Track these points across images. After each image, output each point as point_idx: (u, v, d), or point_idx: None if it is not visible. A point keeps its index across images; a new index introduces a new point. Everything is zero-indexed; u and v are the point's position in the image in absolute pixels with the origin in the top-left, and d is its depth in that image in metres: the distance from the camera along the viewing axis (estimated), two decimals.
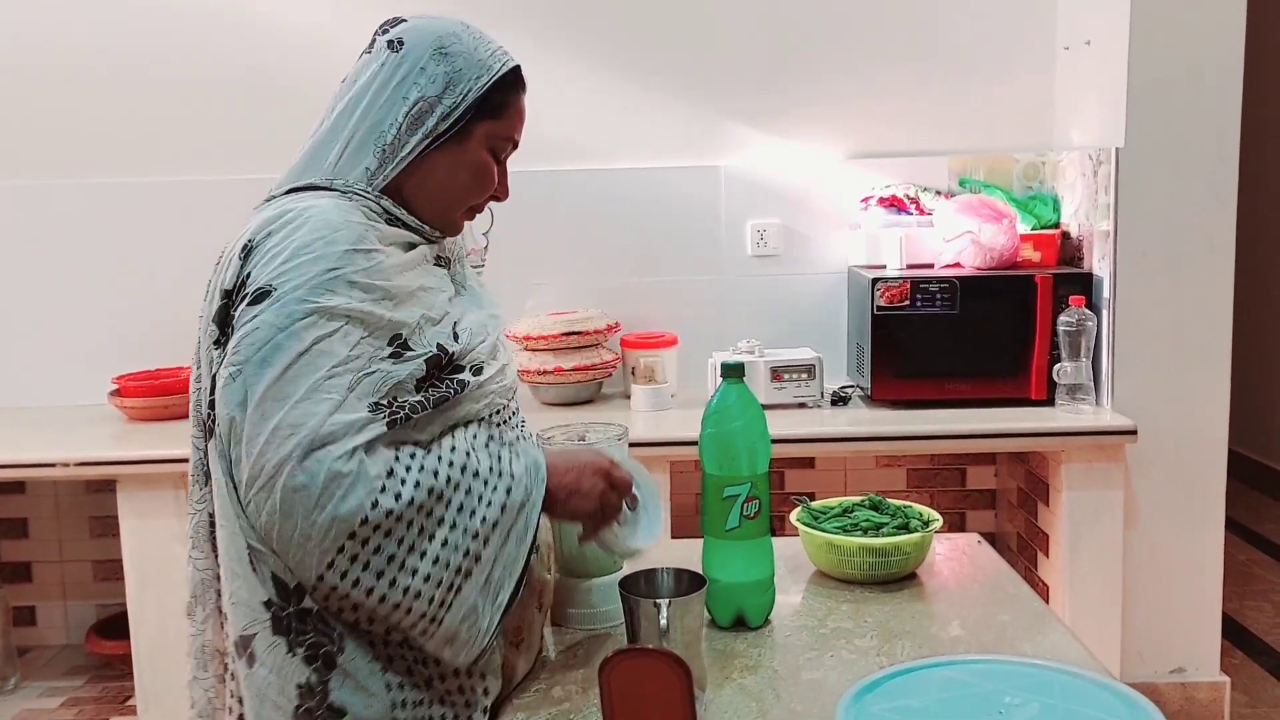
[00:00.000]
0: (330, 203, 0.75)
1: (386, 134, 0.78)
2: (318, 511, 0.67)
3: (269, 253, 0.72)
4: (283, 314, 0.70)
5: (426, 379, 0.75)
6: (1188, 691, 1.72)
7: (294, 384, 0.68)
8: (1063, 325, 1.66)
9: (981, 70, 1.90)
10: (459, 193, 0.82)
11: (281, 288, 0.70)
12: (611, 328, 1.85)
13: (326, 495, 0.67)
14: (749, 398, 0.87)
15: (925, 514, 1.01)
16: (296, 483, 0.67)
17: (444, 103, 0.78)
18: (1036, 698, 0.62)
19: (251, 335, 0.69)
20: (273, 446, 0.67)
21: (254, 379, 0.69)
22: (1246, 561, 2.43)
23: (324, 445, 0.68)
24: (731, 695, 0.76)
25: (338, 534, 0.67)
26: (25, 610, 2.00)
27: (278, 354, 0.69)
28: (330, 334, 0.70)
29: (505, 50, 0.82)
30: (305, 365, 0.69)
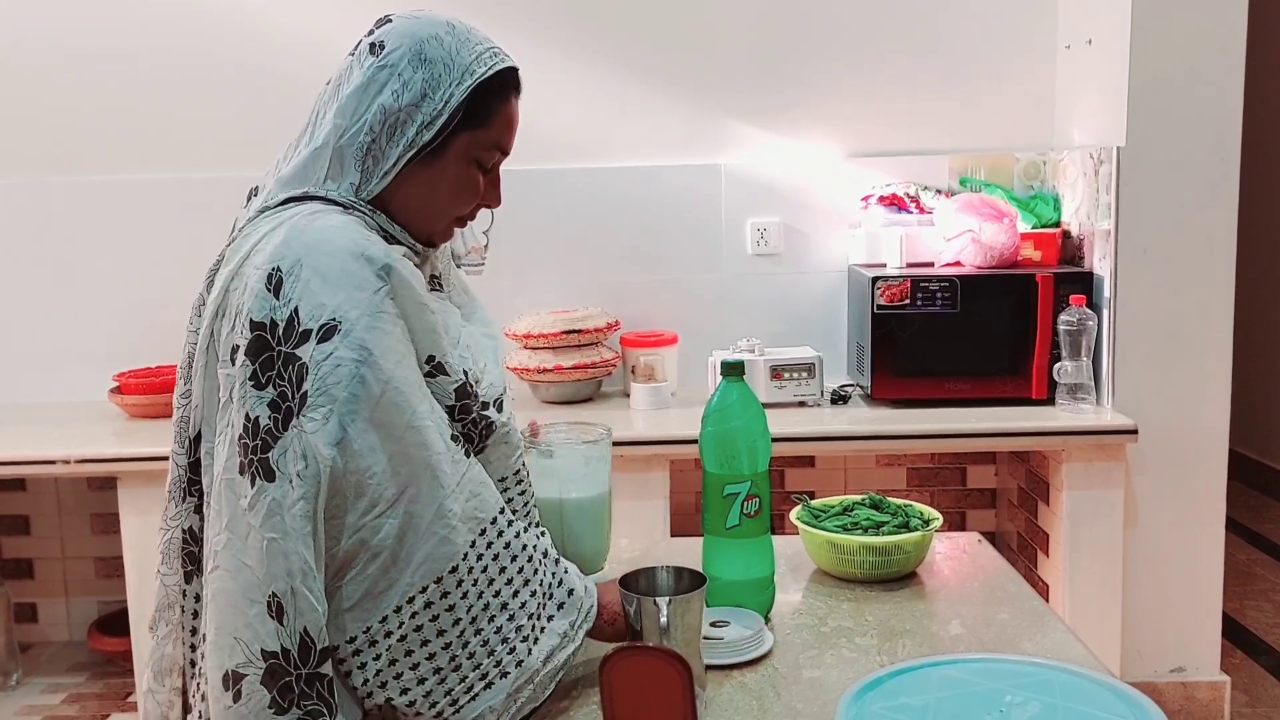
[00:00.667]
0: (339, 218, 0.72)
1: (365, 146, 0.74)
2: (422, 542, 0.67)
3: (308, 282, 0.68)
4: (357, 346, 0.68)
5: (459, 410, 0.73)
6: (1188, 691, 1.73)
7: (392, 414, 0.68)
8: (1063, 324, 1.66)
9: (982, 69, 1.90)
10: (440, 207, 0.78)
11: (346, 318, 0.68)
12: (611, 326, 1.84)
13: (432, 529, 0.68)
14: (749, 396, 0.87)
15: (926, 513, 1.01)
16: (413, 510, 0.68)
17: (422, 111, 0.74)
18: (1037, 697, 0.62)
19: (334, 374, 0.67)
20: (389, 476, 0.67)
21: (350, 416, 0.67)
22: (1247, 561, 2.43)
23: (435, 478, 0.68)
24: (732, 693, 0.76)
25: (430, 570, 0.68)
26: (27, 607, 2.00)
27: (365, 388, 0.67)
28: (404, 358, 0.70)
29: (496, 51, 0.77)
30: (396, 394, 0.68)
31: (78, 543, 2.01)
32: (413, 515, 0.68)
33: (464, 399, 0.74)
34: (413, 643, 0.68)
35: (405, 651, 0.68)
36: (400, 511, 0.68)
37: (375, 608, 0.68)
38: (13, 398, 1.94)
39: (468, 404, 0.74)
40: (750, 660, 0.80)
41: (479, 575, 0.70)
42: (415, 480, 0.68)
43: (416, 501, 0.68)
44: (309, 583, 0.67)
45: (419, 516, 0.68)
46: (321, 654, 0.67)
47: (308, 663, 0.67)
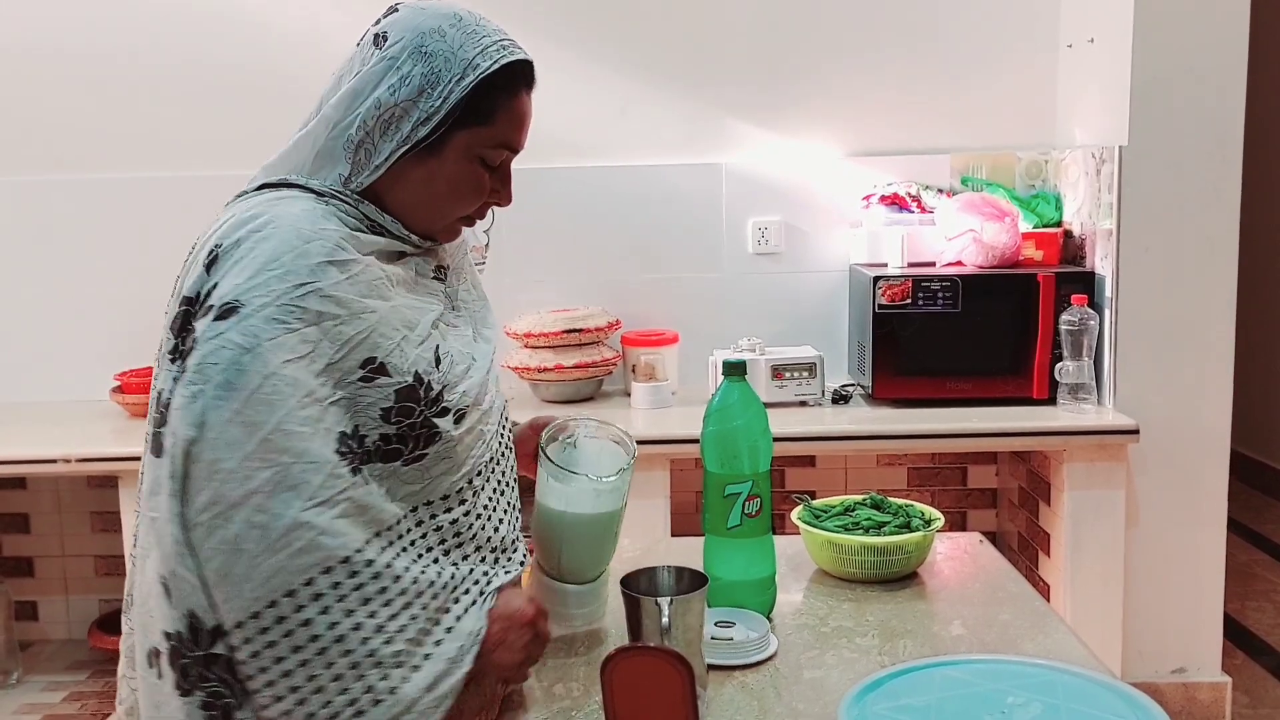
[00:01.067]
0: (303, 206, 0.70)
1: (356, 138, 0.72)
2: (267, 555, 0.63)
3: (236, 262, 0.67)
4: (248, 333, 0.65)
5: (396, 411, 0.68)
6: (1189, 692, 1.72)
7: (261, 411, 0.64)
8: (1065, 324, 1.66)
9: (984, 68, 1.90)
10: (438, 205, 0.75)
11: (248, 304, 0.65)
12: (612, 325, 1.84)
13: (284, 542, 0.63)
14: (751, 396, 0.87)
15: (927, 513, 1.01)
16: (258, 520, 0.63)
17: (419, 107, 0.71)
18: (1039, 697, 0.61)
19: (215, 354, 0.65)
20: (238, 477, 0.63)
21: (216, 402, 0.64)
22: (1248, 562, 2.43)
23: (294, 487, 0.63)
24: (733, 693, 0.76)
25: (279, 585, 0.63)
26: (27, 605, 2.00)
27: (242, 377, 0.64)
28: (299, 357, 0.65)
29: (506, 44, 0.74)
30: (272, 392, 0.64)
31: (78, 541, 2.01)
32: (255, 526, 0.63)
33: (406, 401, 0.69)
34: (266, 659, 0.63)
35: (260, 668, 0.64)
36: (239, 519, 0.63)
37: (222, 617, 0.64)
38: (13, 397, 1.94)
39: (410, 406, 0.69)
40: (754, 662, 0.80)
41: (348, 594, 0.64)
42: (267, 490, 0.63)
43: (263, 511, 0.63)
44: (186, 564, 0.65)
45: (265, 528, 0.63)
46: (212, 633, 0.65)
47: (200, 644, 0.65)
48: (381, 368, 0.69)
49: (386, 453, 0.69)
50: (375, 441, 0.68)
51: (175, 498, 0.65)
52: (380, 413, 0.69)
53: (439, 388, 0.71)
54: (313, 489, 0.64)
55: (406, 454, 0.70)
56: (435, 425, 0.71)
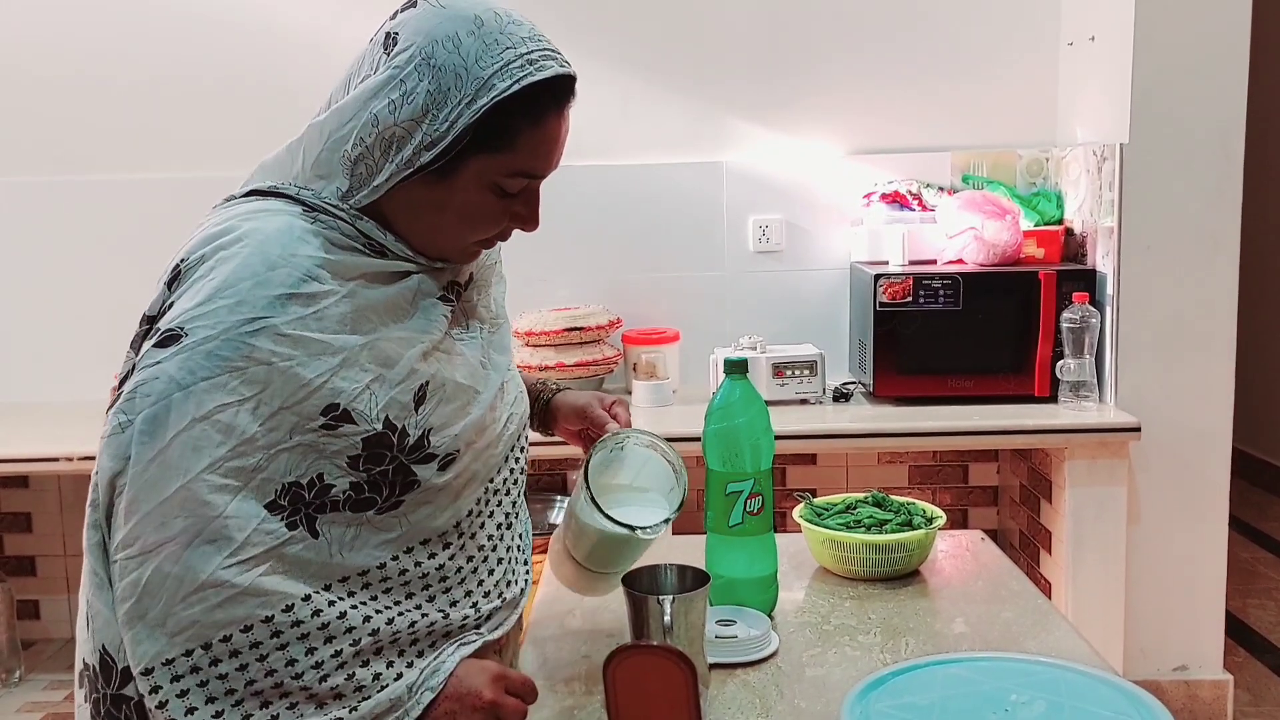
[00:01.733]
0: (282, 223, 0.63)
1: (354, 154, 0.63)
2: (184, 607, 0.58)
3: (193, 283, 0.62)
4: (185, 368, 0.59)
5: (365, 459, 0.62)
6: (1191, 690, 1.72)
7: (186, 457, 0.59)
8: (1066, 322, 1.66)
9: (985, 66, 1.90)
10: (447, 233, 0.67)
11: (191, 335, 0.59)
12: (613, 323, 1.84)
13: (200, 597, 0.58)
14: (752, 394, 0.86)
15: (928, 511, 1.01)
16: (171, 570, 0.58)
17: (422, 130, 0.62)
18: (1042, 695, 0.61)
19: (148, 385, 0.60)
20: (153, 521, 0.59)
21: (142, 438, 0.59)
22: (1250, 559, 2.43)
23: (214, 541, 0.58)
24: (735, 691, 0.76)
25: (192, 637, 0.58)
26: (29, 604, 2.00)
27: (170, 415, 0.59)
28: (238, 402, 0.59)
29: (533, 58, 0.63)
30: (201, 437, 0.59)
31: (80, 540, 2.00)
32: (168, 575, 0.58)
33: (376, 448, 0.63)
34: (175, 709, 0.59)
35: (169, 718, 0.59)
36: (152, 566, 0.58)
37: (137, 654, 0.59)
38: (15, 396, 1.94)
39: (380, 453, 0.63)
40: (755, 660, 0.80)
41: (271, 653, 0.60)
42: (184, 541, 0.58)
43: (176, 562, 0.58)
44: (102, 595, 0.61)
45: (179, 580, 0.58)
46: (123, 674, 0.61)
47: (110, 682, 0.61)
48: (345, 415, 0.62)
49: (358, 502, 0.63)
50: (345, 491, 0.63)
51: (95, 528, 0.62)
52: (347, 461, 0.63)
53: (418, 432, 0.64)
54: (234, 546, 0.59)
55: (381, 503, 0.64)
56: (413, 473, 0.65)
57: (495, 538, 0.73)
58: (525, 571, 0.77)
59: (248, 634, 0.60)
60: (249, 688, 0.60)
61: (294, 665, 0.61)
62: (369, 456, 0.63)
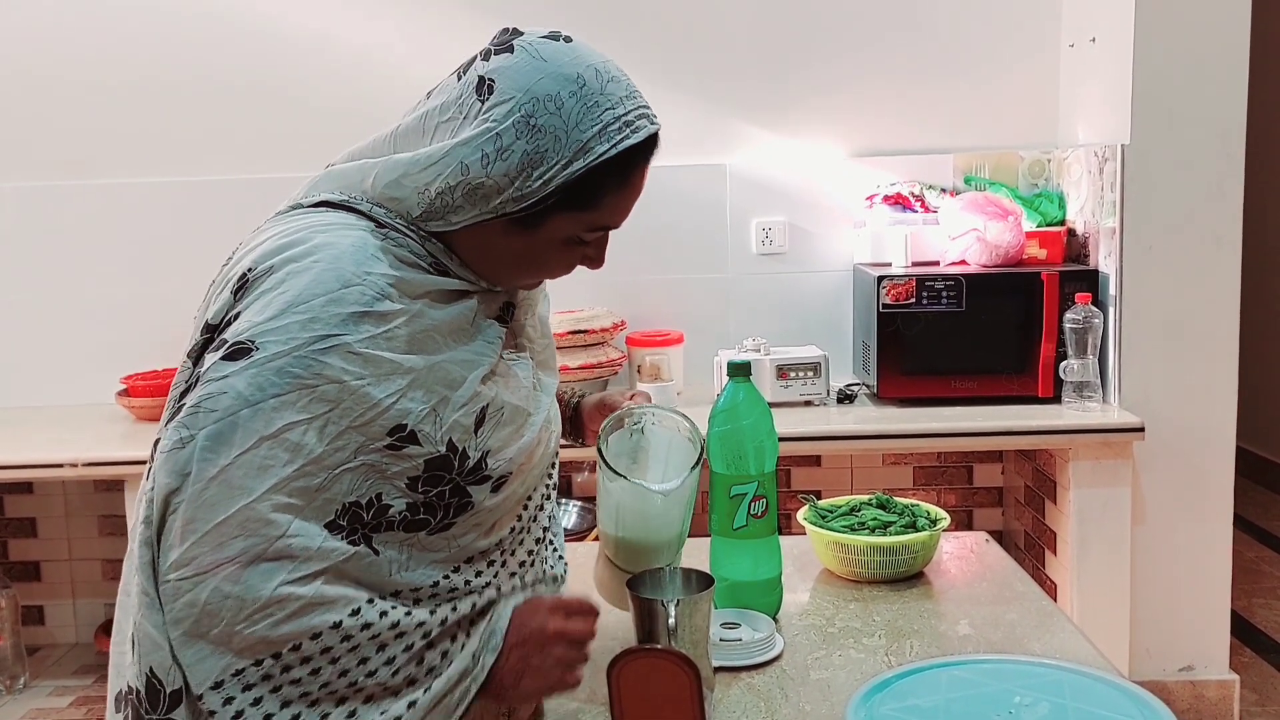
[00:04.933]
0: (356, 239, 0.62)
1: (433, 195, 0.63)
2: (247, 625, 0.57)
3: (263, 294, 0.60)
4: (254, 384, 0.58)
5: (424, 481, 0.62)
6: (1196, 690, 1.72)
7: (250, 476, 0.57)
8: (1069, 322, 1.66)
9: (986, 68, 1.90)
10: (520, 274, 0.69)
11: (262, 349, 0.58)
12: (617, 326, 1.84)
13: (264, 614, 0.57)
14: (756, 397, 0.87)
15: (933, 513, 1.01)
16: (231, 591, 0.57)
17: (515, 185, 0.62)
18: (1047, 697, 0.61)
19: (214, 400, 0.58)
20: (211, 541, 0.57)
21: (205, 455, 0.58)
22: (1255, 559, 2.42)
23: (276, 560, 0.58)
24: (740, 694, 0.76)
25: (261, 651, 0.58)
26: (34, 610, 2.00)
27: (236, 433, 0.57)
28: (307, 421, 0.58)
29: (629, 119, 0.65)
30: (267, 456, 0.57)
31: (85, 545, 2.02)
32: (228, 596, 0.57)
33: (437, 470, 0.63)
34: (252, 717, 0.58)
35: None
36: (210, 587, 0.57)
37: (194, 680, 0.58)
38: (21, 401, 1.95)
39: (439, 475, 0.63)
40: (760, 662, 0.80)
41: (342, 655, 0.60)
42: (243, 562, 0.57)
43: (236, 583, 0.57)
44: (151, 617, 0.59)
45: (240, 599, 0.57)
46: (171, 698, 0.59)
47: (157, 708, 0.59)
48: (412, 436, 0.61)
49: (412, 523, 0.63)
50: (401, 512, 0.62)
51: (147, 545, 0.60)
52: (407, 482, 0.62)
53: (477, 455, 0.64)
54: (295, 563, 0.58)
55: (434, 524, 0.64)
56: (469, 494, 0.65)
57: (534, 553, 0.74)
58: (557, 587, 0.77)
59: (317, 640, 0.59)
60: (324, 689, 0.60)
61: (366, 664, 0.61)
62: (429, 478, 0.63)
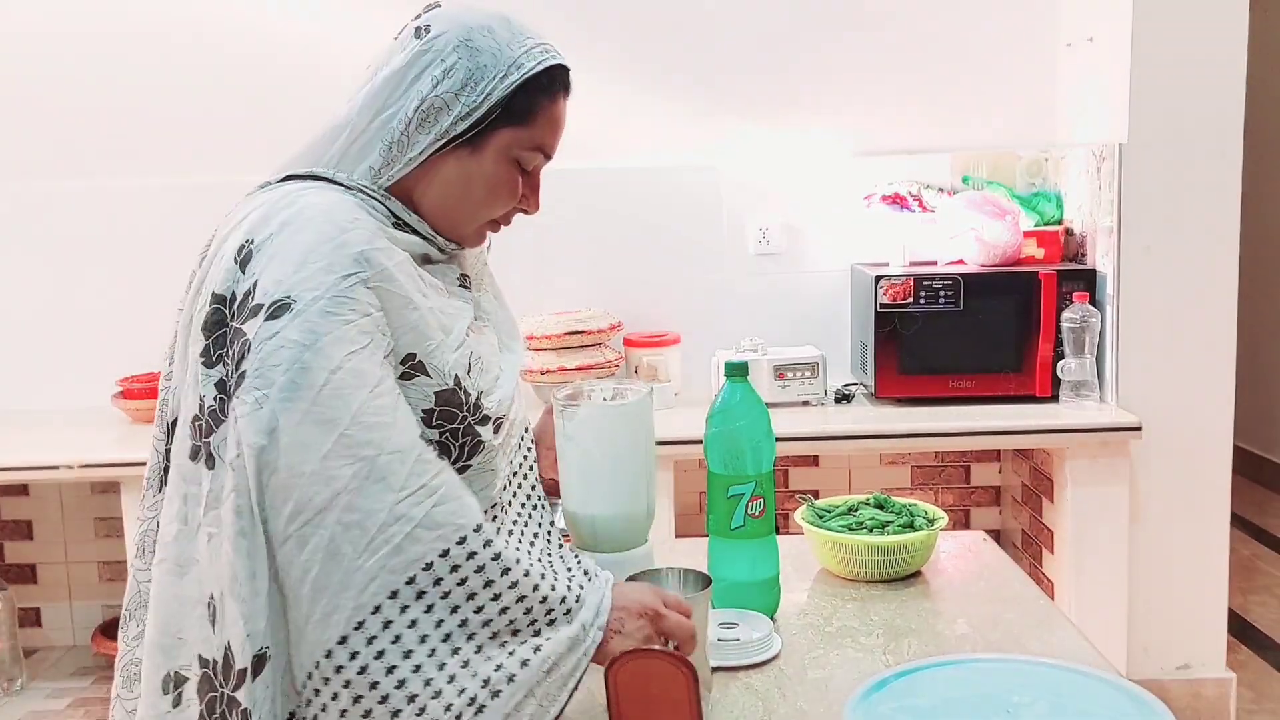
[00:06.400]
0: (333, 197, 0.67)
1: (395, 130, 0.69)
2: (368, 555, 0.59)
3: (273, 257, 0.64)
4: (306, 329, 0.61)
5: (438, 415, 0.66)
6: (1193, 688, 1.72)
7: (334, 407, 0.60)
8: (1066, 322, 1.66)
9: (984, 67, 1.90)
10: (472, 205, 0.73)
11: (300, 299, 0.62)
12: (614, 327, 1.84)
13: (384, 539, 0.59)
14: (753, 397, 0.87)
15: (930, 512, 1.01)
16: (350, 520, 0.59)
17: (461, 101, 0.69)
18: (1045, 697, 0.61)
19: (275, 355, 0.61)
20: (320, 479, 0.59)
21: (286, 404, 0.60)
22: (1251, 557, 2.42)
23: (383, 479, 0.60)
24: (738, 694, 0.76)
25: (382, 586, 0.59)
26: (31, 612, 2.00)
27: (307, 375, 0.61)
28: (361, 348, 0.62)
29: (548, 48, 0.73)
30: (342, 385, 0.61)
31: (81, 547, 2.01)
32: (349, 527, 0.59)
33: (447, 404, 0.66)
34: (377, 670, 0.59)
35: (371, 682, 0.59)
36: (330, 522, 0.59)
37: (319, 639, 0.59)
38: (16, 403, 1.94)
39: (451, 411, 0.66)
40: (758, 662, 0.80)
41: (453, 589, 0.61)
42: (354, 487, 0.60)
43: (353, 510, 0.59)
44: (237, 589, 0.60)
45: (360, 527, 0.59)
46: (239, 675, 0.60)
47: (228, 682, 0.60)
48: (421, 366, 0.66)
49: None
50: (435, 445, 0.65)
51: (244, 514, 0.61)
52: (422, 415, 0.65)
53: (475, 394, 0.69)
54: (402, 478, 0.61)
55: (452, 463, 0.67)
56: (478, 433, 0.68)
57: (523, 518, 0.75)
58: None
59: (429, 571, 0.60)
60: (439, 629, 0.60)
61: (474, 599, 0.62)
62: (441, 413, 0.66)
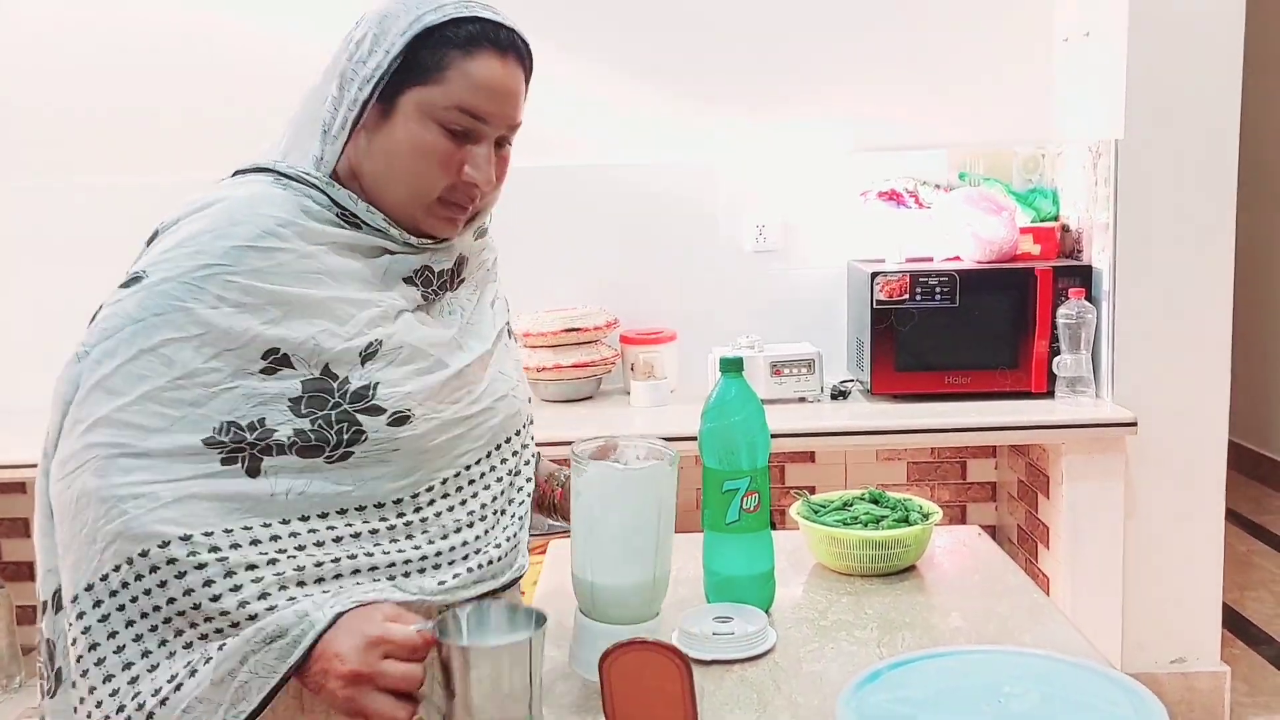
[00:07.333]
0: (255, 190, 0.68)
1: (325, 114, 0.70)
2: (106, 520, 0.62)
3: (164, 240, 0.68)
4: (140, 305, 0.64)
5: (306, 402, 0.65)
6: (1188, 681, 1.73)
7: (127, 382, 0.63)
8: (1062, 318, 1.66)
9: (981, 63, 1.90)
10: (400, 178, 0.69)
11: (150, 276, 0.65)
12: (610, 324, 1.85)
13: (119, 510, 0.62)
14: (748, 392, 0.87)
15: (925, 507, 1.02)
16: (94, 484, 0.62)
17: (367, 67, 0.68)
18: (1036, 687, 0.62)
19: (108, 321, 0.65)
20: (84, 439, 0.63)
21: (93, 366, 0.64)
22: (1247, 552, 2.43)
23: (139, 457, 0.62)
24: (733, 686, 0.77)
25: (119, 550, 0.62)
26: (29, 609, 2.01)
27: (121, 347, 0.64)
28: (184, 339, 0.64)
29: (471, 5, 0.68)
30: (145, 366, 0.64)
31: None
32: (94, 490, 0.63)
33: (316, 391, 0.66)
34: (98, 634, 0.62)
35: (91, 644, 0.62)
36: (79, 481, 0.63)
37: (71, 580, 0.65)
38: (11, 401, 1.94)
39: (321, 397, 0.66)
40: (753, 656, 0.80)
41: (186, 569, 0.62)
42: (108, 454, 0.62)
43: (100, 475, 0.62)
44: (40, 524, 0.68)
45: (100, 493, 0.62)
46: (43, 607, 0.67)
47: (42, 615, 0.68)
48: (285, 359, 0.66)
49: (305, 448, 0.65)
50: (289, 435, 0.65)
51: (49, 455, 0.68)
52: (289, 403, 0.65)
53: (361, 383, 0.67)
54: (158, 465, 0.63)
55: (328, 451, 0.66)
56: (358, 422, 0.66)
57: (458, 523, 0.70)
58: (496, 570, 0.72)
59: (165, 549, 0.62)
60: (170, 605, 0.62)
61: (211, 586, 0.62)
62: (310, 399, 0.66)
